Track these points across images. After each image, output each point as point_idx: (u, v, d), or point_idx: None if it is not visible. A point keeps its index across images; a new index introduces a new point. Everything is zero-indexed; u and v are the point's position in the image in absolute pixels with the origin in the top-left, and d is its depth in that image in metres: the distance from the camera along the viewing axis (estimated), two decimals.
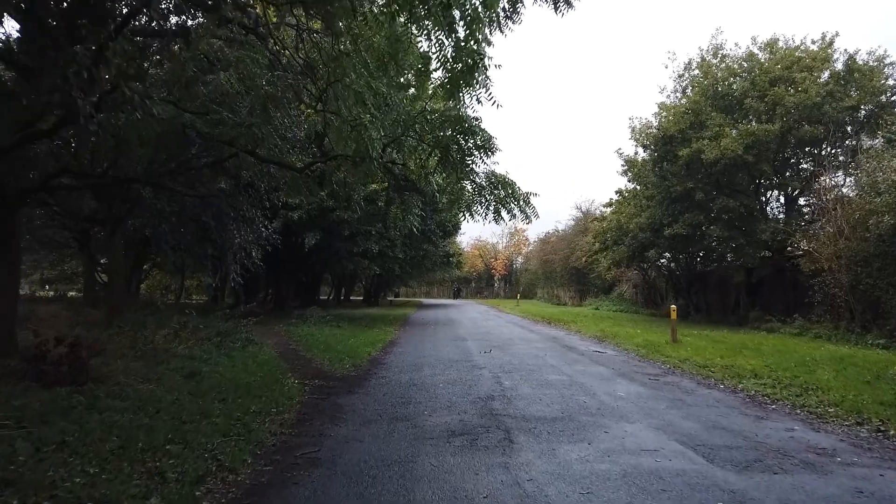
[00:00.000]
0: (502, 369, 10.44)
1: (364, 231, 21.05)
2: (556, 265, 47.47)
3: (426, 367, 10.83)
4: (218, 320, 15.20)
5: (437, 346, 14.49)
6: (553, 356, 12.44)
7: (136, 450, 5.23)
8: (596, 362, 11.66)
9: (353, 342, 15.17)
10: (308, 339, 16.05)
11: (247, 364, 10.66)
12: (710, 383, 9.40)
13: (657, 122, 21.15)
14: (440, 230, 24.82)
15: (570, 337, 17.23)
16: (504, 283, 70.11)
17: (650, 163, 21.41)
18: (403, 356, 12.71)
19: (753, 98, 19.26)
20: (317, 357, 12.42)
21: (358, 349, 13.59)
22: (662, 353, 12.85)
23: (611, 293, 41.00)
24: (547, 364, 11.19)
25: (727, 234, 19.58)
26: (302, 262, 23.70)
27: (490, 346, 14.18)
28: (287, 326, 19.29)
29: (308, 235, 20.33)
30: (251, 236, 15.10)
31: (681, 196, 20.27)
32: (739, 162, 18.62)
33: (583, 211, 47.30)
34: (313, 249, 20.88)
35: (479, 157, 9.08)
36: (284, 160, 10.88)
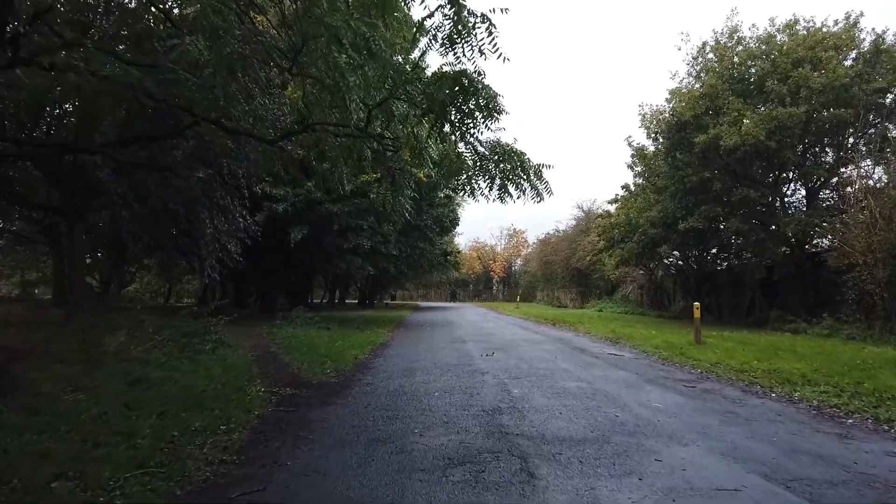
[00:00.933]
0: (509, 374, 8.91)
1: (355, 225, 19.52)
2: (557, 266, 45.98)
3: (419, 373, 9.30)
4: (186, 320, 13.62)
5: (434, 349, 12.96)
6: (565, 359, 10.91)
7: (6, 490, 3.70)
8: (615, 366, 10.13)
9: (339, 345, 13.65)
10: (291, 341, 14.54)
11: (210, 369, 9.13)
12: (757, 391, 7.88)
13: (670, 107, 19.67)
14: (437, 226, 23.32)
15: (579, 338, 15.69)
16: (503, 285, 68.56)
17: (662, 152, 19.94)
18: (395, 359, 11.18)
19: (774, 81, 17.81)
20: (295, 361, 10.89)
21: (344, 352, 12.06)
22: (688, 355, 11.34)
23: (614, 294, 39.51)
24: (559, 368, 9.65)
25: (746, 227, 18.09)
26: (289, 260, 22.15)
27: (492, 349, 12.65)
28: (271, 328, 17.77)
29: (294, 230, 18.79)
30: (226, 227, 13.55)
31: (696, 187, 18.79)
32: (761, 148, 17.15)
33: (584, 210, 45.89)
34: (300, 245, 19.34)
35: (481, 120, 7.56)
36: (254, 131, 9.35)
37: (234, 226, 14.38)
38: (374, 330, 18.50)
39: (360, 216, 19.64)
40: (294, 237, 18.67)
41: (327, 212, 18.96)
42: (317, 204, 19.00)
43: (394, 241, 21.07)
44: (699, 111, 18.50)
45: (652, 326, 19.02)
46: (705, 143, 17.83)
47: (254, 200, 18.59)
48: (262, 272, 24.33)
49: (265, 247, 21.81)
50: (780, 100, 17.67)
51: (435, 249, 27.16)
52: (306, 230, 18.93)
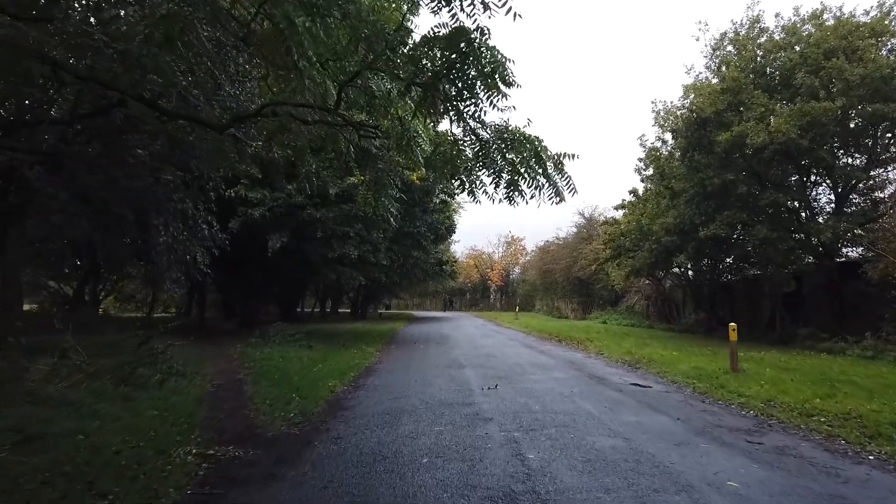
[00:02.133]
0: (519, 423, 7.01)
1: (340, 233, 17.64)
2: (558, 275, 44.14)
3: (406, 418, 7.40)
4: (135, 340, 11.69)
5: (426, 377, 11.05)
6: (585, 395, 9.01)
7: None
8: (648, 406, 8.25)
9: (317, 370, 11.78)
10: (263, 365, 12.66)
11: (142, 414, 7.24)
12: (846, 450, 6.01)
13: (688, 102, 17.86)
14: (431, 233, 21.47)
15: (592, 361, 13.81)
16: (500, 294, 66.67)
17: (679, 152, 18.15)
18: (378, 395, 9.27)
19: (804, 73, 16.06)
20: (258, 396, 8.99)
21: (319, 382, 10.17)
22: (729, 388, 9.47)
23: (618, 305, 37.68)
24: (581, 411, 7.76)
25: (775, 235, 16.28)
26: (269, 270, 20.24)
27: (495, 378, 10.75)
28: (246, 347, 15.86)
29: (273, 237, 16.91)
30: (185, 234, 11.68)
31: (718, 190, 16.99)
32: (791, 147, 15.38)
33: (586, 217, 44.06)
34: (280, 254, 17.46)
35: (484, 96, 5.71)
36: (198, 115, 7.49)
37: (198, 234, 12.50)
38: (360, 348, 16.63)
39: (346, 223, 17.77)
40: (272, 245, 16.78)
41: (310, 218, 17.09)
42: (298, 209, 17.13)
43: (384, 249, 19.19)
44: (721, 107, 16.73)
45: (669, 345, 17.15)
46: (728, 141, 16.07)
47: (229, 205, 16.77)
48: (241, 283, 22.41)
49: (242, 256, 19.95)
50: (811, 94, 15.92)
51: (429, 258, 25.28)
52: (286, 238, 17.06)
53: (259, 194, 16.61)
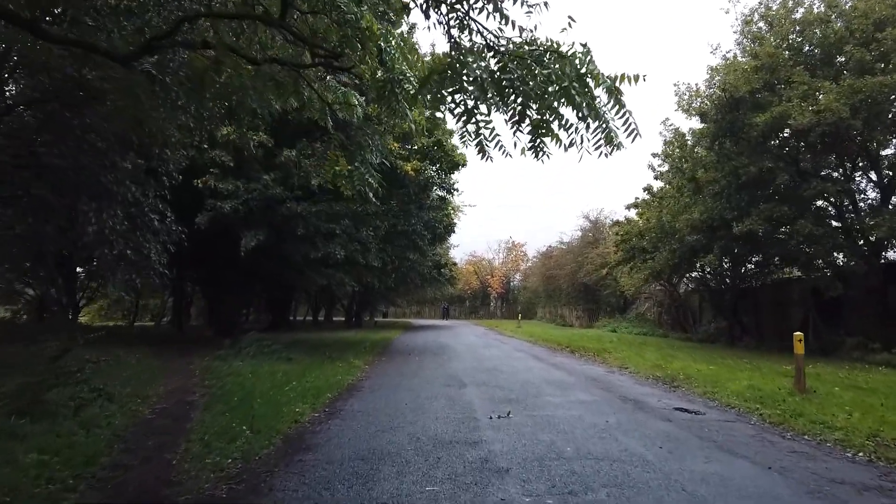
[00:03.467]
0: (550, 480, 4.84)
1: (325, 230, 15.53)
2: (562, 281, 41.99)
3: (387, 468, 5.25)
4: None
5: (419, 400, 8.91)
6: (626, 428, 6.87)
7: None
8: (715, 444, 6.11)
9: (289, 389, 9.68)
10: (227, 383, 10.60)
11: (17, 461, 5.14)
12: None
13: (716, 81, 15.77)
14: (428, 232, 19.37)
15: (618, 378, 11.67)
16: (501, 302, 64.48)
17: (708, 138, 16.08)
18: (355, 426, 7.12)
19: (853, 46, 14.04)
20: (200, 429, 6.88)
21: (285, 407, 8.06)
22: (806, 416, 7.34)
23: (627, 313, 35.56)
24: (632, 456, 5.61)
25: (820, 231, 14.20)
26: (247, 272, 18.12)
27: (505, 402, 8.60)
28: (215, 360, 13.74)
29: (247, 235, 14.79)
30: (125, 225, 9.58)
31: (753, 180, 14.92)
32: (842, 129, 13.35)
33: (591, 220, 41.99)
34: (256, 254, 15.38)
35: None
36: (94, 41, 5.41)
37: (149, 226, 10.39)
38: (347, 361, 14.50)
39: (331, 219, 15.70)
40: (246, 244, 14.65)
41: (290, 213, 14.99)
42: (277, 203, 15.03)
43: (375, 249, 17.06)
44: (756, 85, 14.69)
45: (697, 357, 15.02)
46: (767, 123, 14.03)
47: (196, 197, 14.70)
48: (214, 287, 20.29)
49: (213, 256, 17.85)
50: (860, 69, 13.89)
51: (426, 261, 23.15)
52: (263, 235, 14.93)
53: (231, 185, 14.51)
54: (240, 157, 15.01)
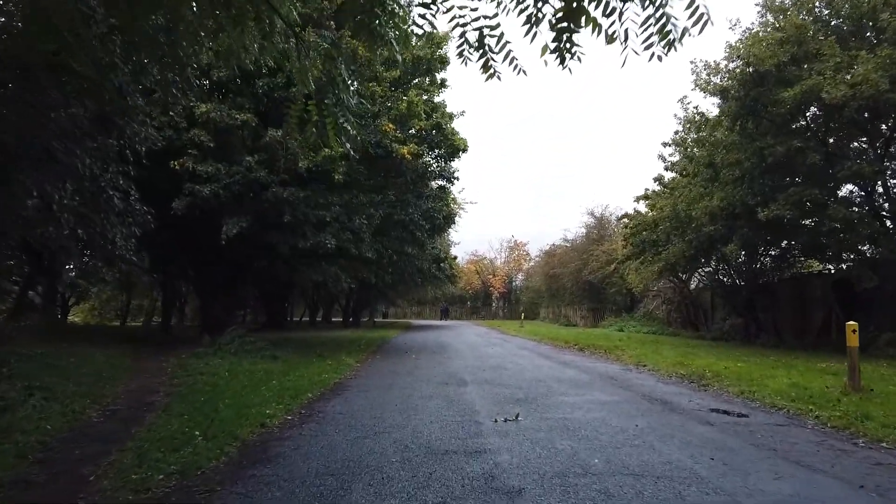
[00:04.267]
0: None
1: (314, 218, 14.32)
2: (566, 280, 40.68)
3: (362, 489, 4.00)
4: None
5: (412, 400, 7.69)
6: (661, 433, 5.63)
7: None
8: (777, 454, 4.88)
9: (265, 389, 8.51)
10: (198, 381, 9.44)
11: None
12: None
13: (742, 52, 14.48)
14: (426, 223, 18.12)
15: (637, 376, 10.44)
16: (503, 302, 63.19)
17: (729, 118, 14.83)
18: (332, 431, 5.89)
19: (890, 14, 12.83)
20: (146, 434, 5.69)
21: (253, 409, 6.86)
22: (877, 420, 6.10)
23: (634, 311, 34.27)
24: (678, 469, 4.37)
25: (855, 216, 12.97)
26: (230, 263, 16.89)
27: (512, 402, 7.38)
28: (191, 358, 12.60)
29: (228, 222, 13.57)
30: (75, 201, 8.36)
31: (780, 162, 13.68)
32: (880, 102, 12.14)
33: (596, 216, 40.71)
34: (238, 243, 14.16)
35: None
36: None
37: (109, 205, 9.22)
38: (338, 359, 13.35)
39: (321, 205, 14.49)
40: (227, 231, 13.42)
41: (275, 198, 13.76)
42: (261, 187, 13.82)
43: (369, 239, 15.80)
44: (783, 58, 13.46)
45: (720, 354, 13.79)
46: (796, 98, 12.81)
47: (173, 180, 13.52)
48: (203, 283, 19.08)
49: (193, 246, 16.66)
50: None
51: (425, 254, 21.88)
52: (246, 223, 13.71)
53: (211, 168, 13.30)
54: (221, 138, 13.88)
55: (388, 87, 15.98)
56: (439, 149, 17.41)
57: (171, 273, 22.19)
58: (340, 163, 14.12)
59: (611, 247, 35.95)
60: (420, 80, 17.72)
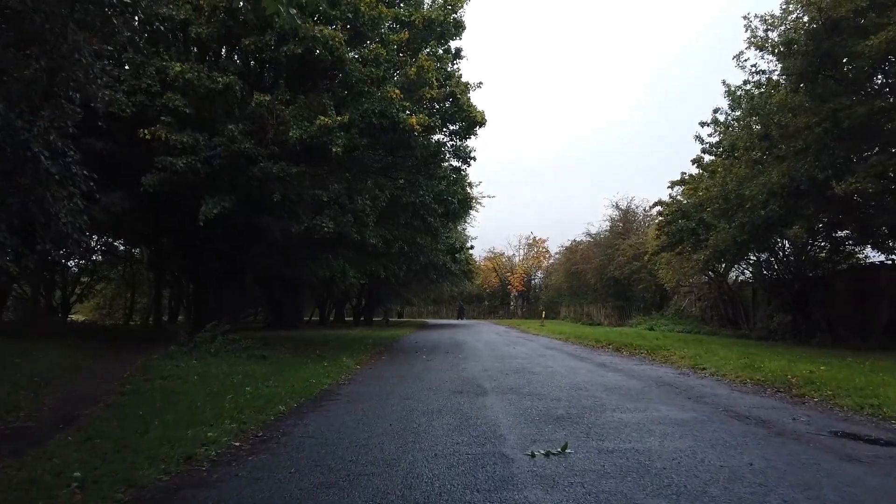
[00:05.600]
0: None
1: (309, 197, 12.39)
2: (589, 276, 38.42)
3: None
4: None
5: (414, 418, 5.66)
6: (796, 481, 3.56)
7: None
8: None
9: (232, 398, 6.62)
10: (153, 388, 7.73)
11: None
12: None
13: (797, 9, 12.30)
14: (439, 206, 16.08)
15: (700, 382, 8.33)
16: (522, 301, 60.90)
17: (794, 76, 12.61)
18: (281, 478, 3.88)
19: None
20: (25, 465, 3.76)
21: (196, 429, 4.94)
22: None
23: (664, 309, 31.93)
24: None
25: None
26: (221, 252, 15.01)
27: (549, 420, 5.33)
28: (164, 358, 10.82)
29: (208, 201, 11.67)
30: None
31: (859, 127, 11.47)
32: None
33: (622, 209, 38.40)
34: (221, 228, 12.29)
35: None
36: None
37: (36, 165, 7.31)
38: (337, 360, 11.47)
39: (317, 183, 12.57)
40: (206, 212, 11.50)
41: (264, 174, 11.84)
42: (247, 162, 11.90)
43: (373, 223, 13.80)
44: (861, 3, 11.26)
45: (789, 356, 11.57)
46: (880, 49, 10.62)
47: (144, 152, 11.68)
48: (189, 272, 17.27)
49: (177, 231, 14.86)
50: None
51: (438, 244, 19.83)
52: (229, 203, 11.80)
53: (187, 138, 11.39)
54: (201, 105, 12.05)
55: (395, 52, 14.03)
56: (453, 122, 15.39)
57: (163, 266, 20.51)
58: (339, 134, 12.17)
59: (638, 240, 33.70)
60: (432, 46, 15.74)
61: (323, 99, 12.90)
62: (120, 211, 12.09)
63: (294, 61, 12.53)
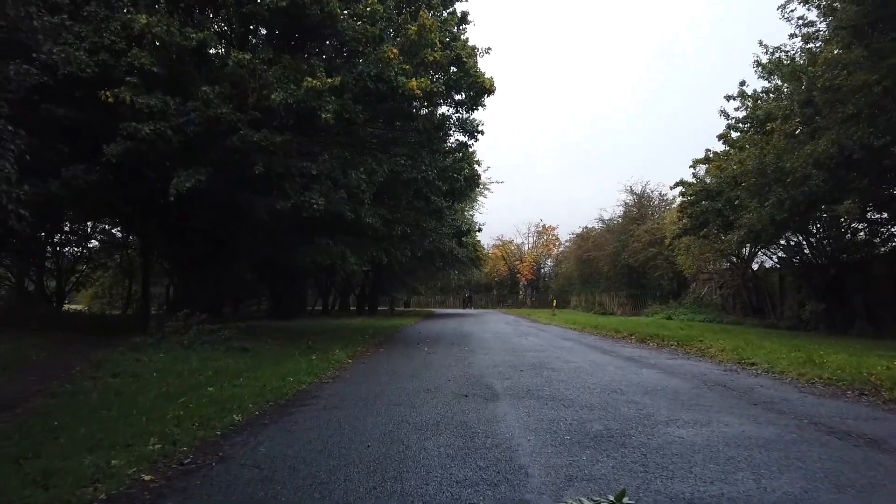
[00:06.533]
0: None
1: (297, 170, 10.99)
2: (602, 263, 36.89)
3: None
4: None
5: (400, 434, 4.26)
6: None
7: None
8: None
9: (182, 402, 5.43)
10: (97, 388, 6.33)
11: None
12: None
13: None
14: (444, 184, 14.63)
15: (758, 382, 6.87)
16: (531, 289, 59.39)
17: (847, 30, 11.03)
18: None
19: None
20: None
21: (95, 455, 3.52)
22: None
23: (681, 297, 30.40)
24: None
25: None
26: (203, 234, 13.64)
27: (588, 442, 3.92)
28: (128, 350, 9.51)
29: (181, 174, 10.26)
30: None
31: None
32: None
33: (636, 193, 36.78)
34: (198, 203, 10.93)
35: None
36: None
37: None
38: (329, 353, 10.14)
39: (305, 154, 11.17)
40: (178, 185, 10.10)
41: (243, 143, 10.41)
42: (226, 129, 10.48)
43: (369, 201, 12.36)
44: None
45: (851, 349, 10.11)
46: None
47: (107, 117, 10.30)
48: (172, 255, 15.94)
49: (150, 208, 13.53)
50: None
51: (444, 227, 18.38)
52: (204, 175, 10.40)
53: (156, 101, 9.97)
54: (173, 66, 10.65)
55: (393, 9, 12.58)
56: (459, 91, 13.88)
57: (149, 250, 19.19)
58: (329, 98, 10.73)
59: (654, 225, 32.16)
60: (435, 7, 14.21)
61: (312, 60, 11.49)
62: (83, 185, 10.71)
63: (279, 16, 11.04)
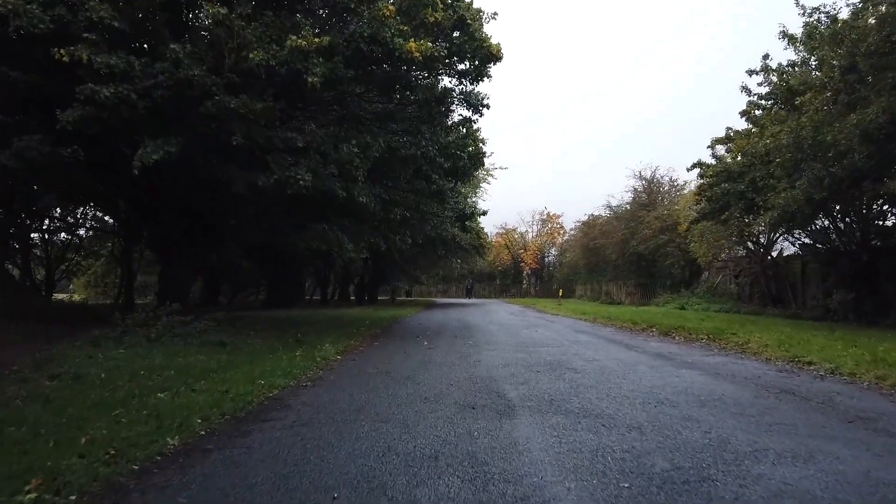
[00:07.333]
0: None
1: (280, 142, 9.72)
2: (609, 252, 35.62)
3: None
4: None
5: (380, 479, 3.08)
6: None
7: None
8: None
9: (125, 410, 4.00)
10: (30, 393, 5.18)
11: None
12: None
13: None
14: (446, 161, 13.31)
15: (831, 387, 5.58)
16: (535, 279, 58.14)
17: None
18: None
19: None
20: None
21: None
22: None
23: (694, 286, 29.13)
24: None
25: None
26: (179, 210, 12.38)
27: (650, 493, 2.70)
28: (85, 344, 8.36)
29: (147, 145, 8.98)
30: None
31: None
32: None
33: (646, 179, 35.42)
34: (168, 177, 9.67)
35: None
36: None
37: None
38: (316, 347, 8.94)
39: (289, 124, 9.88)
40: (144, 157, 8.81)
41: (218, 109, 9.11)
42: (199, 94, 9.18)
43: (363, 177, 11.08)
44: None
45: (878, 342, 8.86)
46: None
47: (63, 79, 9.04)
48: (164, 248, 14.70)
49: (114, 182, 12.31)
50: None
51: (446, 210, 17.10)
52: (174, 147, 9.12)
53: (117, 60, 8.67)
54: (136, 20, 9.38)
55: None
56: (462, 59, 12.55)
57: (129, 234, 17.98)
58: (317, 60, 9.46)
59: (665, 211, 30.86)
60: None
61: (297, 17, 10.22)
62: (38, 157, 9.45)
63: None
